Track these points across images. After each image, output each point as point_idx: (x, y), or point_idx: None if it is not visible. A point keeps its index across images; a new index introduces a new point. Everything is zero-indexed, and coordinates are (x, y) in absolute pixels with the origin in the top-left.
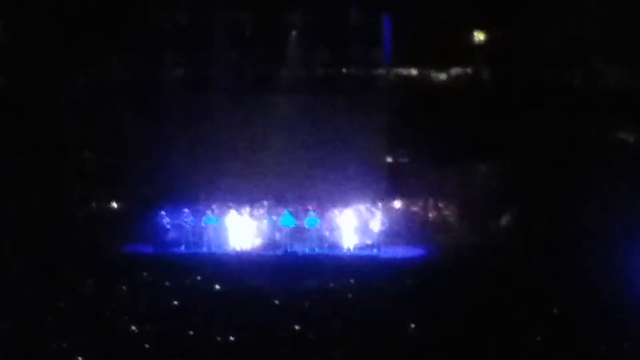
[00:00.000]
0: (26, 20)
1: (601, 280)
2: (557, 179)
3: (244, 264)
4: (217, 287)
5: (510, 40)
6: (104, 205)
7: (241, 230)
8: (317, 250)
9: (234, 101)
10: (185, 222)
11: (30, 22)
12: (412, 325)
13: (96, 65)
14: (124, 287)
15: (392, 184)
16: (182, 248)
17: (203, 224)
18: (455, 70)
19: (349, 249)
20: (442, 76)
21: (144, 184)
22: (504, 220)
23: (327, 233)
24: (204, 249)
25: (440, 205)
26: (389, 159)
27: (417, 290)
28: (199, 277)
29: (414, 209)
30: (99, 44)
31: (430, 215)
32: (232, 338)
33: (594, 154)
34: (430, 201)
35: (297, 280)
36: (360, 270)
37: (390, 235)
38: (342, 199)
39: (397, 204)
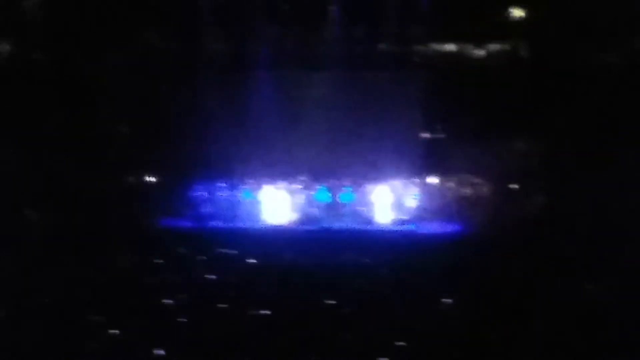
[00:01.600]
0: None
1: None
2: (595, 158)
3: (279, 238)
4: (252, 261)
5: (550, 16)
6: (139, 179)
7: (276, 205)
8: (352, 225)
9: (270, 77)
10: (221, 196)
11: None
12: (449, 301)
13: (134, 39)
14: (160, 261)
15: (428, 159)
16: (218, 222)
17: (239, 198)
18: (493, 47)
19: (384, 225)
20: (480, 52)
21: (180, 158)
22: (540, 197)
23: (362, 208)
24: (240, 223)
25: (477, 181)
26: (426, 135)
27: (453, 266)
28: (233, 251)
29: (450, 184)
30: (137, 19)
31: (466, 191)
32: (266, 312)
33: (634, 134)
34: (467, 177)
35: (332, 255)
36: (396, 246)
37: (426, 211)
38: (378, 175)
39: (433, 179)
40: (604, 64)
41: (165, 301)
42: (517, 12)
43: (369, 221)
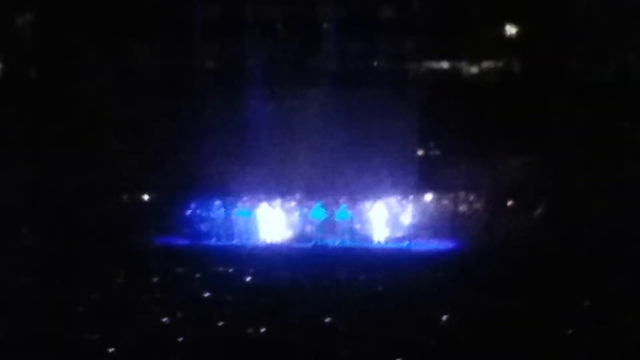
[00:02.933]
0: (56, 13)
1: (634, 275)
2: (589, 172)
3: (275, 256)
4: (248, 279)
5: (542, 33)
6: (135, 197)
7: (272, 222)
8: (348, 243)
9: (265, 94)
10: (216, 214)
11: (60, 15)
12: (444, 318)
13: (128, 58)
14: (155, 279)
15: (423, 177)
16: (213, 240)
17: (234, 216)
18: (487, 64)
19: (379, 242)
20: (474, 69)
21: (175, 175)
22: (536, 214)
23: (358, 226)
24: (235, 241)
25: (471, 198)
26: (420, 152)
27: (449, 282)
28: (230, 269)
29: (445, 202)
30: (131, 37)
31: (461, 208)
32: (262, 329)
33: (626, 147)
34: (462, 194)
35: (328, 272)
36: (391, 263)
37: (421, 228)
38: (373, 192)
39: (428, 197)
40: (596, 79)
41: (162, 319)
42: (510, 30)
43: (365, 238)
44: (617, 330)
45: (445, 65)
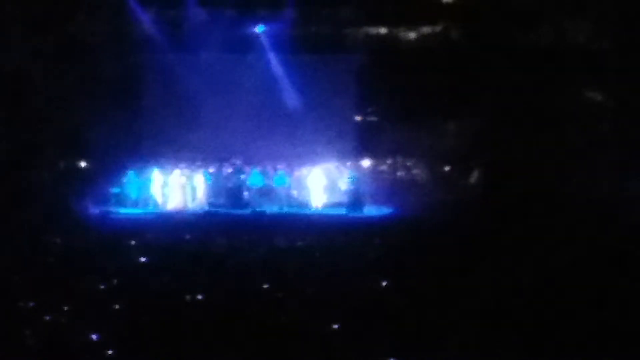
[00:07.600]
0: None
1: (570, 239)
2: (526, 137)
3: (212, 222)
4: (185, 245)
5: None
6: (71, 165)
7: (209, 189)
8: (285, 209)
9: (203, 61)
10: (152, 181)
11: None
12: (382, 284)
13: (63, 24)
14: (92, 247)
15: (360, 143)
16: (150, 207)
17: (171, 183)
18: (425, 29)
19: (317, 208)
20: (412, 35)
21: (112, 143)
22: (473, 179)
23: (295, 192)
24: (171, 208)
25: (409, 164)
26: (358, 118)
27: (386, 248)
28: (166, 236)
29: (383, 167)
30: (66, 5)
31: (399, 173)
32: (199, 297)
33: (562, 112)
34: (399, 160)
35: (265, 239)
36: (329, 230)
37: (359, 194)
38: (311, 158)
39: (366, 162)
40: (533, 45)
41: (98, 286)
42: None
43: (303, 204)
44: (556, 297)
45: (383, 30)
